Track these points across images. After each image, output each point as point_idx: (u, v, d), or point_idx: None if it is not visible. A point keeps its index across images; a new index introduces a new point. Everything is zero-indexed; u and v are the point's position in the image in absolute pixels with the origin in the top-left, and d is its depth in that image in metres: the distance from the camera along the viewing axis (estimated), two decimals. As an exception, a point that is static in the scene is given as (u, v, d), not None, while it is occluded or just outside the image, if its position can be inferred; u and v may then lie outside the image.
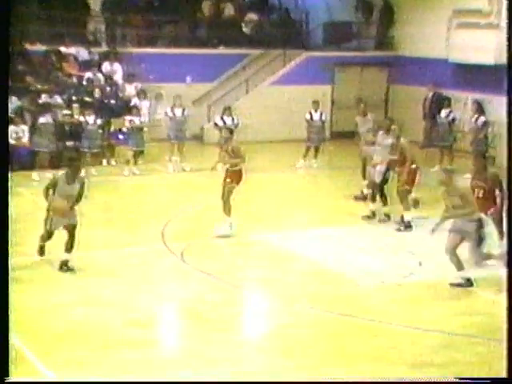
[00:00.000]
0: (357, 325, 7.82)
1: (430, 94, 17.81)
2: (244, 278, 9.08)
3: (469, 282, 8.72)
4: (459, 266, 8.68)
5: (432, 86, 17.73)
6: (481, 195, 9.46)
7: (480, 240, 8.66)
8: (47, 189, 8.80)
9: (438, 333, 7.62)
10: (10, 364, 4.93)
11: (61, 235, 8.97)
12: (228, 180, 10.42)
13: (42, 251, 8.99)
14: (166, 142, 15.40)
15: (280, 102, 18.50)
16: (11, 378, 4.92)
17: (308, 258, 9.78)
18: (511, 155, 5.49)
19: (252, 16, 19.94)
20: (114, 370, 6.63)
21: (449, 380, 6.39)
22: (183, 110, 15.26)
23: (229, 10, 19.98)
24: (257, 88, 18.77)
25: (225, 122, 15.19)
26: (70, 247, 8.78)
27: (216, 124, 15.37)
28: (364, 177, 12.53)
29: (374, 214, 11.48)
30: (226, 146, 10.67)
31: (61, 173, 8.99)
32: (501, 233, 9.55)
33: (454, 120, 15.66)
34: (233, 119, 15.26)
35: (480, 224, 8.65)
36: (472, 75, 17.14)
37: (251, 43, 19.50)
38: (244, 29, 19.77)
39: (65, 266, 8.80)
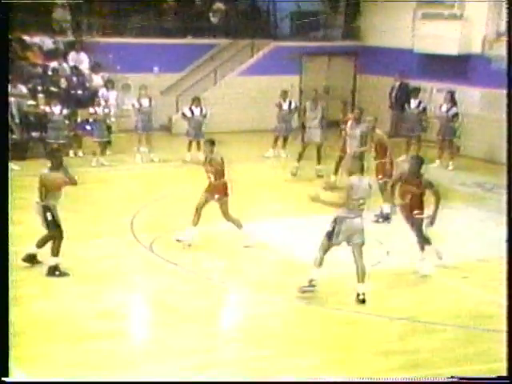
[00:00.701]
0: (324, 313, 7.89)
1: (397, 84, 17.97)
2: (213, 269, 9.09)
3: None
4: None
5: (398, 76, 17.88)
6: (408, 200, 9.06)
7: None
8: (40, 189, 8.65)
9: (404, 321, 7.74)
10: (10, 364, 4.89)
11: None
12: (213, 194, 9.76)
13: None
14: (134, 133, 15.30)
15: (248, 92, 18.49)
16: (11, 378, 4.88)
17: (278, 248, 9.82)
18: (511, 155, 5.54)
19: (219, 5, 19.86)
20: (83, 363, 6.61)
21: (449, 380, 6.50)
22: (150, 100, 15.16)
23: (196, -1, 19.91)
24: (225, 78, 18.73)
25: (193, 113, 15.15)
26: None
27: (184, 114, 15.31)
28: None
29: None
30: (208, 163, 9.86)
31: (44, 171, 8.75)
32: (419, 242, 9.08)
33: (424, 110, 15.68)
34: (201, 110, 15.21)
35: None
36: (437, 65, 17.33)
37: (219, 33, 19.43)
38: (212, 18, 19.68)
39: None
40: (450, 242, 10.14)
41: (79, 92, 16.05)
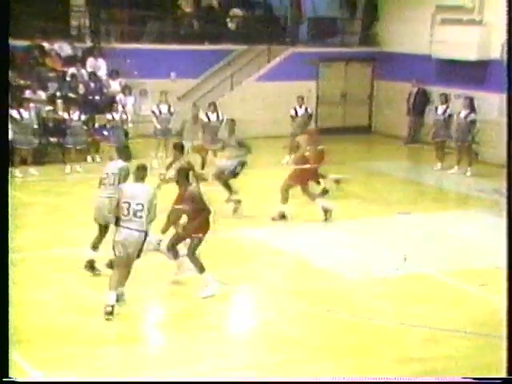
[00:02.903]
0: (342, 320, 7.85)
1: (415, 90, 17.89)
2: (231, 274, 9.07)
3: None
4: None
5: (416, 82, 17.81)
6: None
7: None
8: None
9: (423, 328, 7.67)
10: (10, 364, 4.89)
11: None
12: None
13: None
14: (152, 138, 15.35)
15: (265, 97, 18.49)
16: (11, 378, 4.89)
17: (293, 253, 9.79)
18: (511, 155, 5.48)
19: (237, 11, 19.92)
20: (94, 367, 6.60)
21: (454, 380, 6.43)
22: (169, 106, 15.24)
23: (212, 5, 19.96)
24: (242, 84, 18.74)
25: (209, 118, 15.16)
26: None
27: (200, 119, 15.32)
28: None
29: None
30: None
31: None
32: None
33: (450, 116, 15.51)
34: (218, 115, 15.23)
35: None
36: (455, 71, 17.23)
37: (236, 39, 19.47)
38: (229, 24, 19.74)
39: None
40: (469, 249, 10.06)
41: (97, 98, 16.14)
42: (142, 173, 7.88)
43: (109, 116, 14.84)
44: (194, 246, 8.15)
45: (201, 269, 8.14)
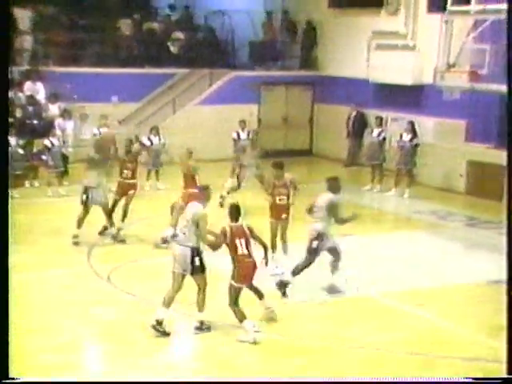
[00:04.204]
0: (280, 342, 7.88)
1: (353, 114, 18.29)
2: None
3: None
4: None
5: (355, 106, 18.21)
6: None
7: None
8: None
9: (363, 349, 7.79)
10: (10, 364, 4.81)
11: None
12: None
13: None
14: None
15: (207, 121, 18.58)
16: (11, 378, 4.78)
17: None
18: (511, 155, 5.67)
19: (178, 35, 20.00)
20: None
21: (449, 380, 6.51)
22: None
23: (153, 28, 19.98)
24: (184, 108, 18.80)
25: (152, 142, 15.15)
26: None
27: (143, 144, 15.27)
28: None
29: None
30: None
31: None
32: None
33: (384, 139, 15.80)
34: (160, 139, 15.22)
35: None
36: (391, 95, 17.70)
37: (178, 62, 19.54)
38: (171, 48, 19.79)
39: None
40: (407, 269, 10.28)
41: (35, 122, 15.91)
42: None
43: (47, 141, 14.64)
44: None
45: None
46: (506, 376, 5.42)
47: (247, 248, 7.80)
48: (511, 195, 5.51)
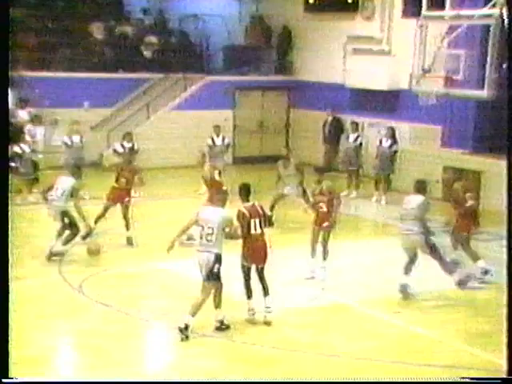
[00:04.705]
0: (259, 350, 7.74)
1: (330, 119, 18.20)
2: (145, 309, 8.82)
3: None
4: None
5: (331, 111, 18.12)
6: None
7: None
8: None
9: (338, 357, 7.65)
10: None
11: None
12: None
13: None
14: (64, 170, 14.86)
15: (182, 127, 18.38)
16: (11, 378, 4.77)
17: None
18: (511, 154, 5.52)
19: (152, 39, 19.78)
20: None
21: (449, 380, 6.39)
22: (81, 136, 14.85)
23: (126, 32, 19.72)
24: (158, 113, 18.57)
25: (125, 149, 14.90)
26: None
27: (115, 150, 15.03)
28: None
29: None
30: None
31: None
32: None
33: (361, 144, 15.75)
34: (133, 145, 14.98)
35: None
36: (368, 100, 17.64)
37: (151, 67, 19.30)
38: (144, 52, 19.55)
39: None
40: (384, 277, 10.18)
41: (5, 127, 15.56)
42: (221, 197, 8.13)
43: (17, 147, 14.30)
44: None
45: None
46: (505, 376, 5.32)
47: (260, 227, 8.00)
48: (511, 202, 5.40)
